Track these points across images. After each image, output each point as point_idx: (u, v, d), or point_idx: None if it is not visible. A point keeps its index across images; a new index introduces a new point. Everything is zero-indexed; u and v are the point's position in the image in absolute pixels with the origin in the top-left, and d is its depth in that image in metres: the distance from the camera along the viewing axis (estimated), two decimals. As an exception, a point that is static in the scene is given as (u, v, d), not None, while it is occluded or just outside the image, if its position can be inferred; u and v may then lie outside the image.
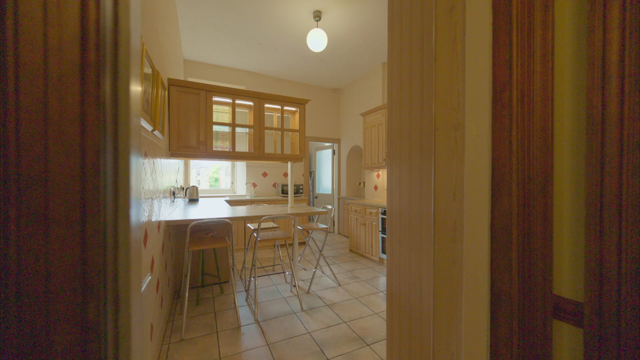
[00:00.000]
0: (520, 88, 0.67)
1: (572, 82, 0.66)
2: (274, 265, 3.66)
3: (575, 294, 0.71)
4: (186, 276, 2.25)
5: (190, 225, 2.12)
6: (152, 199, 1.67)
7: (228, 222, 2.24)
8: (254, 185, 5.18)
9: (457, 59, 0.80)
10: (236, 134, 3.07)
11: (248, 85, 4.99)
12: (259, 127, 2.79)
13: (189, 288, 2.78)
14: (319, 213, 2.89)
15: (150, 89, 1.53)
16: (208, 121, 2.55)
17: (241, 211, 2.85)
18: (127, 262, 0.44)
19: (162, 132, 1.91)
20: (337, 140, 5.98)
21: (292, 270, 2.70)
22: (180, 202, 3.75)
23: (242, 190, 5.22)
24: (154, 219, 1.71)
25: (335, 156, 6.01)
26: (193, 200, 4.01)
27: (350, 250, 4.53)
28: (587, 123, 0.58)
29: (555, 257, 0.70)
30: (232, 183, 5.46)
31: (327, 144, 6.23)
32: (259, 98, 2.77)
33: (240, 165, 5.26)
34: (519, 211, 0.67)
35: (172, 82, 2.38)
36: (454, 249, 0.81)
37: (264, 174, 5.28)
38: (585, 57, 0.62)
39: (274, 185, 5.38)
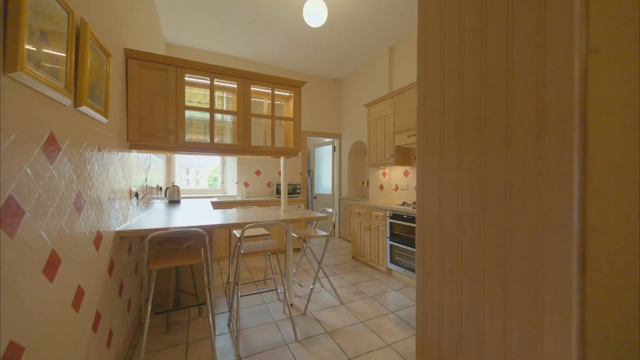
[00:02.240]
0: None
1: None
2: (265, 279, 3.16)
3: None
4: (147, 301, 1.76)
5: (148, 238, 1.62)
6: (78, 204, 1.17)
7: (200, 232, 1.74)
8: (246, 184, 4.68)
9: None
10: (221, 124, 2.58)
11: (239, 74, 4.48)
12: (244, 113, 2.28)
13: (156, 313, 2.27)
14: (318, 219, 2.39)
15: (62, 43, 1.03)
16: (179, 105, 2.05)
17: (225, 215, 2.35)
18: None
19: (103, 113, 1.41)
20: (337, 136, 5.48)
21: (284, 288, 2.21)
22: (159, 204, 3.26)
23: (233, 190, 4.72)
24: (81, 230, 1.21)
25: (336, 153, 5.51)
26: (174, 202, 3.52)
27: (353, 257, 4.03)
28: None
29: None
30: (223, 182, 4.96)
31: (327, 140, 5.73)
32: (245, 78, 2.26)
33: (231, 163, 4.76)
34: None
35: (131, 54, 1.88)
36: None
37: (257, 172, 4.78)
38: None
39: (269, 184, 4.88)
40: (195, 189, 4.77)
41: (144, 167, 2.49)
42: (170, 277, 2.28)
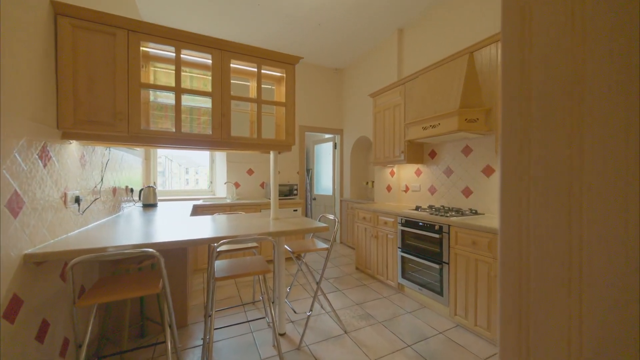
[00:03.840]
0: None
1: None
2: (254, 302, 2.67)
3: None
4: (80, 347, 1.26)
5: (71, 264, 1.13)
6: None
7: (151, 254, 1.25)
8: (237, 185, 4.18)
9: None
10: (207, 117, 2.08)
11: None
12: (220, 95, 1.78)
13: (100, 358, 1.72)
14: (316, 230, 1.90)
15: None
16: (132, 81, 1.55)
17: (200, 225, 1.86)
18: None
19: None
20: (339, 131, 4.98)
21: (272, 317, 1.72)
22: (131, 209, 2.77)
23: (222, 191, 4.22)
24: None
25: (337, 150, 5.01)
26: (149, 205, 3.02)
27: (357, 268, 3.54)
28: None
29: None
30: (211, 182, 4.47)
31: (327, 136, 5.23)
32: (221, 49, 1.77)
33: (221, 160, 4.27)
34: None
35: (62, 9, 1.38)
36: None
37: (249, 172, 4.28)
38: None
39: (262, 185, 4.38)
40: (181, 190, 4.28)
41: (100, 164, 2.00)
42: (125, 303, 1.78)
